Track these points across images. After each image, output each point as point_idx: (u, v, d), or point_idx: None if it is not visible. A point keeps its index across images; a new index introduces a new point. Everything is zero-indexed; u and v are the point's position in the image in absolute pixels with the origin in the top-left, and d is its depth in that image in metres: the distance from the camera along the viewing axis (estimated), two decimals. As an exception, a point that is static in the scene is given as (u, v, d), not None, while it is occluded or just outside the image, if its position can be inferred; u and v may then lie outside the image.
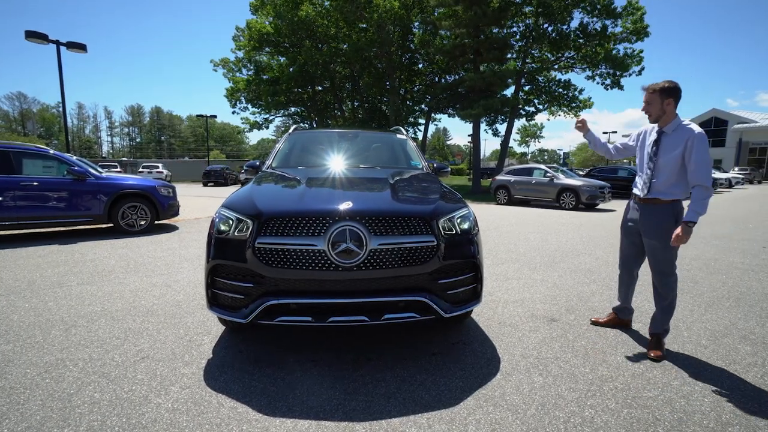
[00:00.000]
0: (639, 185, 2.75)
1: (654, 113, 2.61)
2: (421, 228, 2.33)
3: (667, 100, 2.55)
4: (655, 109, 2.59)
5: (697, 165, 2.46)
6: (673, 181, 2.58)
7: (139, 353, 2.61)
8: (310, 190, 2.62)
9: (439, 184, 3.13)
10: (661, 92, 2.55)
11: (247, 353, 2.63)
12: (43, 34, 13.64)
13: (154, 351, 2.65)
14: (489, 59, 26.01)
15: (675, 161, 2.54)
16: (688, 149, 2.49)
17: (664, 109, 2.57)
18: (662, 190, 2.61)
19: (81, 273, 4.62)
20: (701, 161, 2.45)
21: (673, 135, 2.58)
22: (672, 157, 2.54)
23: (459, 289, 2.47)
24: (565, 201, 13.62)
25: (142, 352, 2.62)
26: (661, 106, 2.57)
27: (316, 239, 2.19)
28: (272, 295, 2.24)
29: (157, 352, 2.64)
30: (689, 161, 2.48)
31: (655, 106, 2.58)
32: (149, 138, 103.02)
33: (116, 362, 2.48)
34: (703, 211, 2.46)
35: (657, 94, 2.56)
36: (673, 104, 2.56)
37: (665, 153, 2.58)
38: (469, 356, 2.62)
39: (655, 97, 2.57)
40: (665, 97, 2.55)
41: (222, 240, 2.39)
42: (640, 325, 3.17)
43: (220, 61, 34.04)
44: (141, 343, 2.78)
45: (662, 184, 2.61)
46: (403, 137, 4.37)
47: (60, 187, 6.66)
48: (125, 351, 2.64)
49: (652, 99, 2.58)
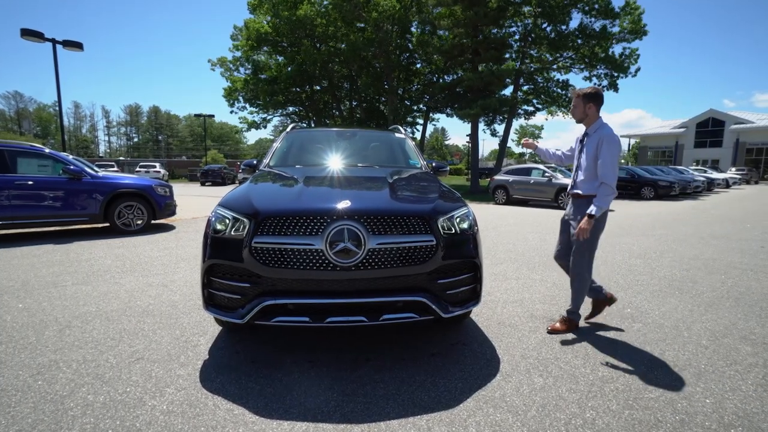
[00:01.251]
0: (570, 182, 3.04)
1: (578, 115, 2.91)
2: (420, 227, 2.30)
3: (588, 105, 2.83)
4: (578, 112, 2.89)
5: (603, 163, 2.71)
6: (590, 178, 2.81)
7: (134, 354, 2.57)
8: (308, 189, 2.59)
9: (438, 183, 3.10)
10: (584, 97, 2.83)
11: (244, 354, 2.60)
12: (38, 32, 13.56)
13: (150, 352, 2.61)
14: (487, 59, 26.03)
15: (592, 159, 2.79)
16: (598, 148, 2.75)
17: (586, 113, 2.86)
18: (581, 186, 2.86)
19: (76, 273, 4.57)
20: (607, 160, 2.70)
21: (593, 135, 2.84)
22: (590, 155, 2.81)
23: (458, 289, 2.44)
24: (564, 201, 13.62)
25: (137, 353, 2.59)
26: (584, 110, 2.85)
27: (313, 239, 2.16)
28: (269, 296, 2.21)
29: (152, 353, 2.60)
30: (599, 160, 2.73)
31: (579, 109, 2.87)
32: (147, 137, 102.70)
33: (111, 363, 2.45)
34: (605, 206, 2.70)
35: (581, 98, 2.85)
36: (594, 108, 2.84)
37: (586, 152, 2.86)
38: (469, 357, 2.59)
39: (579, 101, 2.86)
40: (587, 102, 2.83)
41: (218, 239, 2.36)
42: (640, 325, 3.15)
43: (217, 60, 33.94)
44: (136, 344, 2.74)
45: (582, 181, 2.86)
46: (402, 136, 4.35)
47: (55, 186, 6.60)
48: (120, 352, 2.61)
49: (577, 103, 2.87)
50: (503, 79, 26.22)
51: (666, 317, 3.32)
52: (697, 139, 43.84)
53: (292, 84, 30.94)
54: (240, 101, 33.41)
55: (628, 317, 3.32)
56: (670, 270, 4.90)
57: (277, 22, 28.08)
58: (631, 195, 18.20)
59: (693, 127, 44.05)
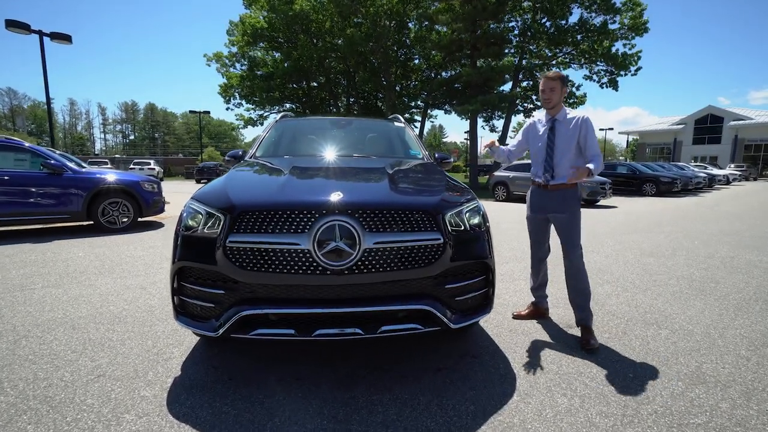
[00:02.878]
0: (540, 174, 2.78)
1: (555, 100, 2.66)
2: (425, 223, 1.97)
3: (564, 88, 2.68)
4: (557, 96, 2.66)
5: (591, 143, 2.64)
6: (570, 165, 2.66)
7: (95, 370, 2.23)
8: (294, 180, 2.25)
9: (443, 174, 2.77)
10: (562, 80, 2.64)
11: (221, 369, 2.26)
12: (25, 23, 13.10)
13: (113, 367, 2.27)
14: (486, 55, 25.66)
15: (573, 146, 2.66)
16: (582, 134, 2.63)
17: (562, 97, 2.68)
18: (565, 174, 2.66)
19: (49, 274, 4.22)
20: (594, 140, 2.65)
21: (566, 122, 2.67)
22: (567, 142, 2.66)
23: (468, 295, 2.11)
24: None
25: (98, 369, 2.25)
26: (561, 94, 2.66)
27: (299, 237, 1.82)
28: (248, 304, 1.88)
29: (116, 368, 2.26)
30: (585, 144, 2.64)
31: (557, 93, 2.65)
32: (143, 135, 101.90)
33: (65, 382, 2.11)
34: (601, 168, 2.60)
35: (559, 81, 2.63)
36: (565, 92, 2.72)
37: (563, 140, 2.67)
38: (480, 372, 2.27)
39: (558, 84, 2.64)
40: (563, 85, 2.65)
41: (189, 238, 2.02)
42: (667, 332, 2.84)
43: (213, 55, 33.38)
44: (99, 357, 2.40)
45: (565, 169, 2.66)
46: (401, 125, 4.00)
47: (34, 182, 6.23)
48: (79, 368, 2.27)
49: (555, 86, 2.64)
50: (502, 75, 25.89)
51: (694, 323, 3.01)
52: (696, 135, 43.67)
53: (289, 80, 30.51)
54: (236, 98, 32.93)
55: (653, 323, 3.01)
56: (687, 269, 4.59)
57: (273, 17, 27.61)
58: (632, 191, 17.94)
59: (692, 124, 43.87)
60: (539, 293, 3.10)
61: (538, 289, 3.09)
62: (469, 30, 24.00)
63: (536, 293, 3.10)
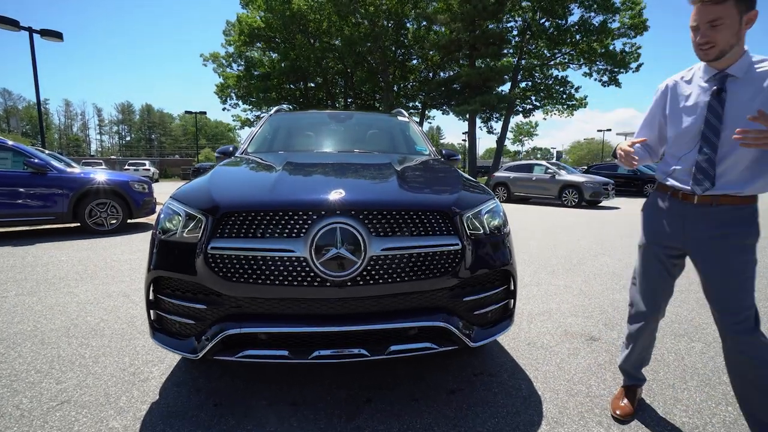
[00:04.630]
0: (678, 175, 1.59)
1: (722, 43, 1.39)
2: (440, 226, 1.69)
3: (748, 16, 1.37)
4: (726, 35, 1.37)
5: None
6: (751, 162, 1.44)
7: (59, 395, 1.95)
8: (287, 177, 1.97)
9: (456, 171, 2.50)
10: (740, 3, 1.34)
11: (205, 392, 1.98)
12: (13, 20, 12.75)
13: (81, 391, 1.98)
14: (485, 55, 25.51)
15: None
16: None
17: (740, 34, 1.39)
18: (735, 179, 1.45)
19: (25, 281, 3.92)
20: None
21: (746, 80, 1.42)
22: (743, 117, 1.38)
23: (488, 308, 1.84)
24: (568, 198, 13.09)
25: (63, 394, 1.96)
26: (739, 28, 1.38)
27: (293, 242, 1.55)
28: (233, 321, 1.60)
29: (84, 392, 1.97)
30: None
31: (729, 27, 1.36)
32: (139, 136, 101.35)
33: (20, 411, 1.82)
34: None
35: (733, 4, 1.34)
36: (747, 28, 1.39)
37: (738, 113, 1.40)
38: (499, 394, 1.99)
39: (730, 10, 1.34)
40: (745, 11, 1.36)
41: (166, 243, 1.74)
42: (701, 345, 2.57)
43: (210, 55, 33.15)
44: (67, 378, 2.11)
45: (734, 170, 1.45)
46: (405, 119, 3.73)
47: (14, 181, 5.90)
48: (40, 391, 1.98)
49: (725, 14, 1.35)
50: (501, 75, 25.74)
51: None
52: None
53: (286, 80, 30.27)
54: (232, 98, 32.67)
55: (683, 335, 2.74)
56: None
57: (270, 16, 27.36)
58: (633, 192, 17.75)
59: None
60: (637, 375, 1.92)
61: (636, 368, 1.90)
62: (467, 30, 23.85)
63: (633, 373, 1.92)
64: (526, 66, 27.73)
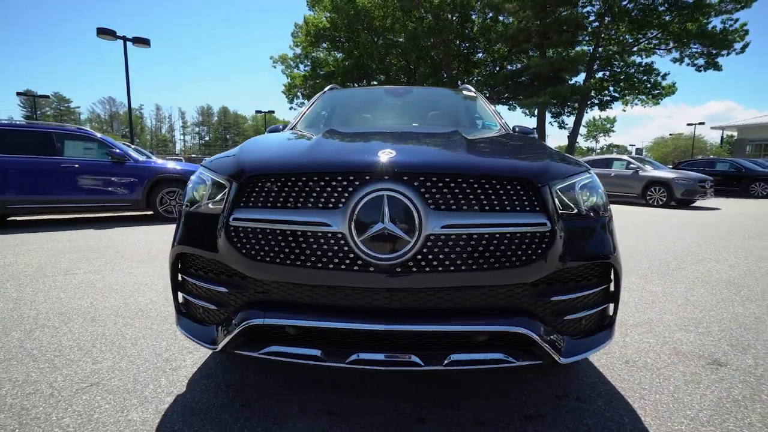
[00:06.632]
0: None
1: None
2: (521, 200, 1.28)
3: None
4: None
5: None
6: None
7: (91, 376, 1.83)
8: (326, 141, 1.67)
9: (540, 141, 2.03)
10: None
11: (235, 389, 1.75)
12: (111, 30, 14.19)
13: (112, 374, 1.85)
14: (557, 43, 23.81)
15: None
16: None
17: None
18: None
19: (96, 260, 4.10)
20: None
21: None
22: None
23: (582, 313, 1.39)
24: (654, 196, 11.57)
25: (95, 375, 1.84)
26: None
27: (328, 214, 1.23)
28: (258, 309, 1.32)
29: (114, 376, 1.84)
30: None
31: None
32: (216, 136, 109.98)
33: (52, 389, 1.71)
34: None
35: None
36: None
37: None
38: (593, 427, 1.52)
39: None
40: None
41: (191, 215, 1.52)
42: None
43: (279, 57, 34.67)
44: (104, 358, 2.01)
45: None
46: (473, 94, 3.28)
47: (99, 170, 6.41)
48: (75, 370, 1.88)
49: None
50: (576, 65, 23.85)
51: None
52: (814, 130, 37.04)
53: (349, 78, 30.73)
54: (299, 97, 33.89)
55: None
56: None
57: (335, 16, 27.92)
58: (736, 192, 15.36)
59: (809, 117, 37.30)
60: None
61: None
62: (538, 17, 22.39)
63: None
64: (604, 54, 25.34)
